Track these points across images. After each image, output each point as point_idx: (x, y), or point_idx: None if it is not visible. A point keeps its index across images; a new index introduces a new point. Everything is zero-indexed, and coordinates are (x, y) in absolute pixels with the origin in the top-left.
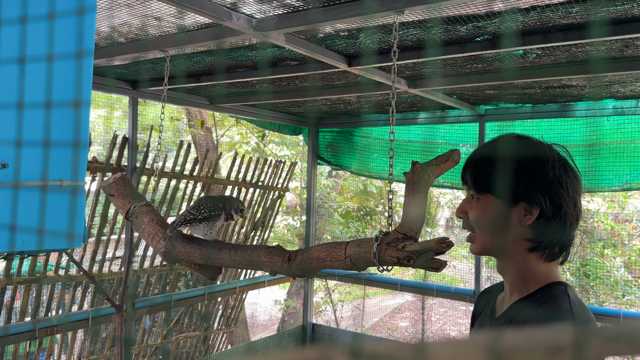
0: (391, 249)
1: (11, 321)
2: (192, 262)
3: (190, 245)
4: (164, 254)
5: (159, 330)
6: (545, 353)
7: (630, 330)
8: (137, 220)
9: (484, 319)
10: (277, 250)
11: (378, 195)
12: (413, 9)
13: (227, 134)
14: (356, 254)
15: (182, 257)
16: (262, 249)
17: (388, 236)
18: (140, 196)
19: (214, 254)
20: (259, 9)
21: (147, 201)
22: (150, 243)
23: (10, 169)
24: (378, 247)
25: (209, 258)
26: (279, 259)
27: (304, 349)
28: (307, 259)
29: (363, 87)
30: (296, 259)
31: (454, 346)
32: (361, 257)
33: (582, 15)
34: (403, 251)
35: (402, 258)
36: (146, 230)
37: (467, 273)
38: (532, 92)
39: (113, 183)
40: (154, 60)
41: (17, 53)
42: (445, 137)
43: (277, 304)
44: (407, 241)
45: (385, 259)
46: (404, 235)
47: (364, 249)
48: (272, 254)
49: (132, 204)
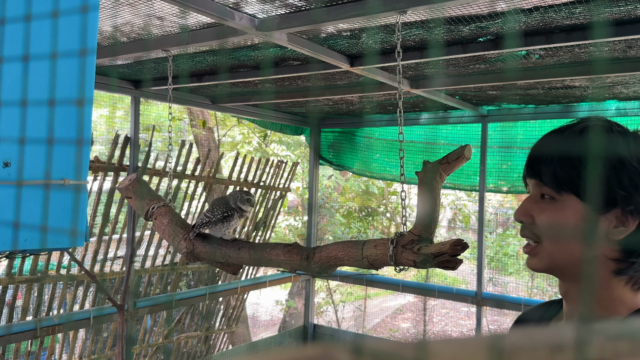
0: (407, 251)
1: (13, 320)
2: (213, 260)
3: (210, 246)
4: (186, 254)
5: (160, 329)
6: (547, 352)
7: (633, 329)
8: (156, 221)
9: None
10: (296, 249)
11: (380, 195)
12: (416, 9)
13: (229, 133)
14: (374, 255)
15: (203, 257)
16: (280, 248)
17: (403, 238)
18: (158, 196)
19: (234, 253)
20: (261, 9)
21: (165, 201)
22: (172, 243)
23: (13, 167)
24: (394, 249)
25: (229, 257)
26: (298, 257)
27: (306, 346)
28: (326, 257)
29: (365, 87)
30: (314, 257)
31: (456, 344)
32: (378, 259)
33: (585, 16)
34: (419, 254)
35: (419, 262)
36: (167, 231)
37: (469, 274)
38: (534, 92)
39: (130, 185)
40: (156, 59)
41: (20, 51)
42: (447, 137)
43: (278, 304)
44: (422, 242)
45: (402, 261)
46: (418, 236)
47: (380, 251)
48: (290, 253)
49: (150, 205)
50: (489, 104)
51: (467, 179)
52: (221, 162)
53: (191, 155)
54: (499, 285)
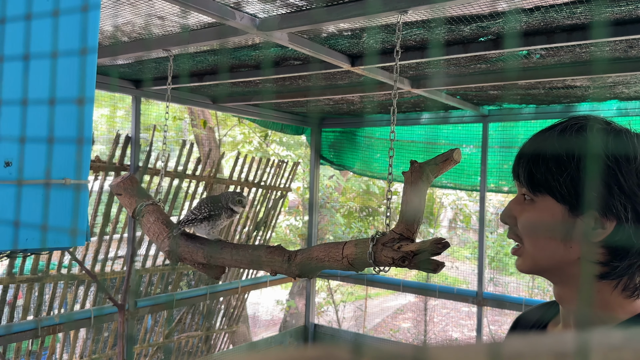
0: (387, 249)
1: (14, 320)
2: (195, 261)
3: (193, 245)
4: (168, 253)
5: (160, 329)
6: (550, 359)
7: (637, 337)
8: (143, 219)
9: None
10: (278, 250)
11: (381, 195)
12: (417, 9)
13: (230, 133)
14: (353, 254)
15: (185, 256)
16: (263, 249)
17: (385, 236)
18: (147, 195)
19: (216, 253)
20: (262, 9)
21: (153, 200)
22: (155, 242)
23: (14, 166)
24: (374, 247)
25: (211, 257)
26: (279, 258)
27: (307, 347)
28: (307, 259)
29: (366, 87)
30: (296, 259)
31: (456, 351)
32: (358, 258)
33: (586, 15)
34: (398, 251)
35: (397, 258)
36: (151, 229)
37: (469, 274)
38: (535, 92)
39: (121, 182)
40: (157, 59)
41: (21, 50)
42: (448, 137)
43: (279, 304)
44: (404, 241)
45: (381, 260)
46: (400, 235)
47: (361, 249)
48: (272, 254)
49: (139, 202)
50: (489, 104)
51: (468, 178)
52: (222, 161)
53: (192, 155)
54: (500, 285)
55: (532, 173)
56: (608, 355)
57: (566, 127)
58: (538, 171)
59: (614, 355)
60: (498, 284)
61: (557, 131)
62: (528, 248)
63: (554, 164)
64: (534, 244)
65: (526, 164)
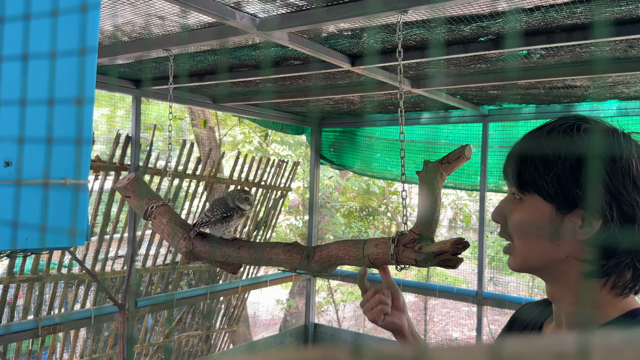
0: (408, 250)
1: (14, 319)
2: (213, 259)
3: (210, 245)
4: (186, 254)
5: (161, 329)
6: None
7: (638, 338)
8: (156, 221)
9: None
10: (296, 248)
11: (381, 195)
12: (417, 9)
13: (230, 133)
14: (374, 254)
15: (203, 256)
16: (280, 247)
17: (404, 237)
18: (157, 196)
19: (234, 252)
20: (262, 8)
21: (163, 201)
22: (171, 243)
23: (14, 166)
24: (395, 248)
25: (229, 256)
26: (298, 256)
27: (307, 348)
28: (326, 257)
29: (366, 87)
30: (315, 256)
31: (456, 352)
32: (379, 258)
33: (586, 15)
34: (420, 253)
35: (420, 260)
36: (166, 230)
37: (469, 274)
38: (535, 92)
39: (128, 184)
40: (157, 59)
41: (20, 50)
42: (448, 137)
43: (279, 304)
44: (423, 242)
45: (403, 260)
46: (419, 235)
47: (382, 250)
48: (291, 252)
49: (149, 204)
50: (489, 104)
51: (468, 178)
52: (222, 161)
53: (192, 155)
54: (500, 285)
55: (521, 172)
56: (608, 356)
57: (554, 127)
58: (526, 170)
59: (614, 356)
60: (498, 283)
61: (546, 131)
62: (518, 247)
63: (541, 164)
64: (523, 242)
65: (515, 163)
